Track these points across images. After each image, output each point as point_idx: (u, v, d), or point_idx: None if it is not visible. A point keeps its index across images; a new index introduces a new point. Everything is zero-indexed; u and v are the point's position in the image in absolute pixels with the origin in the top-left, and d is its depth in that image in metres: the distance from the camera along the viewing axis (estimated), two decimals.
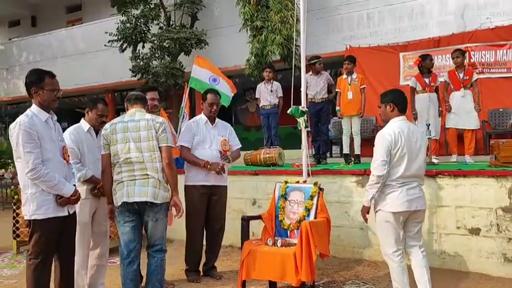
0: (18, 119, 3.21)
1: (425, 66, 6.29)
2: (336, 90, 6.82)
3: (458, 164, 5.63)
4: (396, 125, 3.55)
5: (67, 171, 3.39)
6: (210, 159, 4.56)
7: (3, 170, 11.94)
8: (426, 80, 6.23)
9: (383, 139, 3.52)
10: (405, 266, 3.59)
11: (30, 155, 3.12)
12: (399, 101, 3.64)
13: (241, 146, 4.92)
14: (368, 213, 3.67)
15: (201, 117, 4.78)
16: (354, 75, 6.67)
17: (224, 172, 4.66)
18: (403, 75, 9.41)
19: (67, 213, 3.34)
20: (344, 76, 6.74)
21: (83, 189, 3.85)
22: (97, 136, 4.12)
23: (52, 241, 3.30)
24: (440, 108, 6.22)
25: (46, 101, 3.29)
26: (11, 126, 3.21)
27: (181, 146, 4.63)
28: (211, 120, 4.75)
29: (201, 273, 4.79)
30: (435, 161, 5.85)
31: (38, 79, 3.27)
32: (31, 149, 3.13)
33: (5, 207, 9.63)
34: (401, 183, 3.51)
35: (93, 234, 4.07)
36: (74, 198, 3.33)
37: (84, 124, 4.09)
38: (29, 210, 3.21)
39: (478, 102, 6.09)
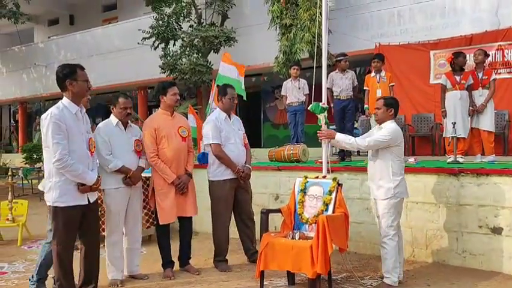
0: (49, 111, 3.46)
1: (457, 63, 6.23)
2: (365, 88, 6.84)
3: (482, 163, 5.55)
4: (395, 124, 4.20)
5: (90, 162, 3.61)
6: (238, 155, 4.77)
7: (41, 162, 12.46)
8: (457, 78, 6.16)
9: (398, 131, 4.15)
10: None
11: (58, 146, 3.35)
12: (397, 108, 4.28)
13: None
14: (328, 139, 4.27)
15: (220, 114, 4.85)
16: (383, 73, 6.68)
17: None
18: (433, 73, 9.27)
19: (87, 202, 3.56)
20: (372, 74, 6.76)
21: (115, 179, 4.26)
22: (125, 129, 4.41)
23: (72, 228, 3.52)
24: (471, 108, 6.15)
25: (80, 91, 3.55)
26: (43, 116, 3.46)
27: (214, 143, 4.71)
28: (229, 116, 4.87)
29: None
30: (460, 160, 5.77)
31: (71, 71, 3.53)
32: (59, 140, 3.37)
33: (42, 199, 10.05)
34: (403, 173, 4.18)
35: (127, 221, 4.39)
36: (96, 186, 3.58)
37: (113, 119, 4.41)
38: (52, 197, 3.45)
39: (487, 101, 6.05)
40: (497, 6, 9.28)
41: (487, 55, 6.49)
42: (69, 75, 3.50)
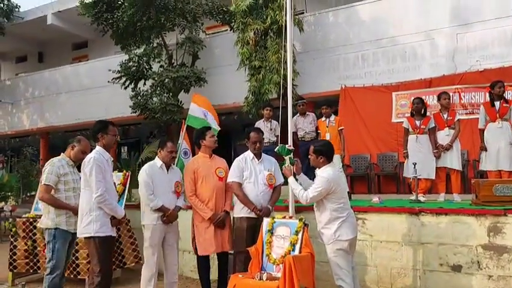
0: (91, 156, 4.18)
1: (414, 109, 6.60)
2: (318, 131, 7.18)
3: (441, 202, 5.78)
4: (330, 170, 4.20)
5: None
6: (257, 194, 4.81)
7: (3, 202, 12.04)
8: (417, 122, 6.49)
9: (330, 179, 4.12)
10: None
11: (100, 184, 4.07)
12: (329, 153, 4.30)
13: (283, 181, 5.05)
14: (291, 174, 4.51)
15: (248, 154, 5.08)
16: (332, 118, 7.07)
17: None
18: (395, 113, 9.70)
19: (115, 235, 4.33)
20: (323, 119, 7.12)
21: (154, 217, 4.77)
22: (168, 171, 4.93)
23: (110, 255, 4.41)
24: (435, 151, 6.42)
25: (109, 142, 4.30)
26: (85, 160, 4.18)
27: (232, 181, 4.90)
28: (257, 156, 5.03)
29: None
30: (422, 199, 6.00)
31: (104, 126, 4.32)
32: (101, 179, 4.09)
33: (3, 240, 9.70)
34: (348, 213, 4.21)
35: (165, 255, 4.88)
36: (123, 219, 4.40)
37: (157, 161, 4.94)
38: (93, 229, 4.07)
39: (453, 141, 6.36)
40: (454, 52, 9.88)
41: (449, 97, 6.90)
42: (102, 129, 4.28)
